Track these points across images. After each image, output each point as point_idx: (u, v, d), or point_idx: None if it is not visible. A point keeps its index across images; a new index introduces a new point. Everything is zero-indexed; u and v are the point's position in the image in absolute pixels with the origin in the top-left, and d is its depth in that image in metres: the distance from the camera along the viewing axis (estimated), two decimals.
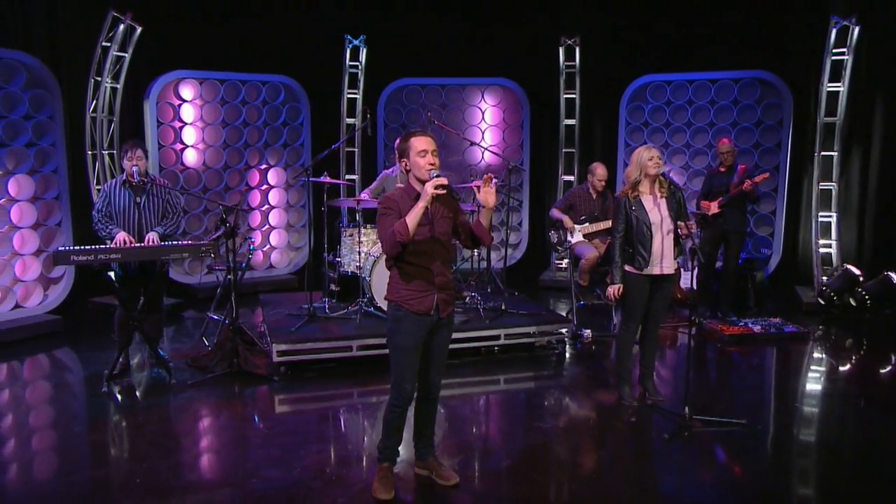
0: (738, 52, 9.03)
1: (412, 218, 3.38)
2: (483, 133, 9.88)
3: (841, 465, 4.33)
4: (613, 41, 9.74)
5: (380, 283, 5.90)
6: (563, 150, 9.66)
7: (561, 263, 9.05)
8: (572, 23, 9.50)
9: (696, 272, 4.58)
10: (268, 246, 9.27)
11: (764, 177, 6.99)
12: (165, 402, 5.18)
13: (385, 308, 6.07)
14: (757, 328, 6.81)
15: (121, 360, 5.71)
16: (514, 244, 10.06)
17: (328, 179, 6.48)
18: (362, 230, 6.51)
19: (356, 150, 9.71)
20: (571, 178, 9.62)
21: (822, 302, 7.70)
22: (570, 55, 9.34)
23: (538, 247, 10.05)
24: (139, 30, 7.45)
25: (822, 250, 8.21)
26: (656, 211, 4.83)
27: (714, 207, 7.14)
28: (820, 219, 8.20)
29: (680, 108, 9.20)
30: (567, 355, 6.35)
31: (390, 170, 7.23)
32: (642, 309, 4.97)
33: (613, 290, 4.91)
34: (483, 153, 9.82)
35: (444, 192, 3.40)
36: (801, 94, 8.70)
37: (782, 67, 8.78)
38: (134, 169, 5.45)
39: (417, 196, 3.47)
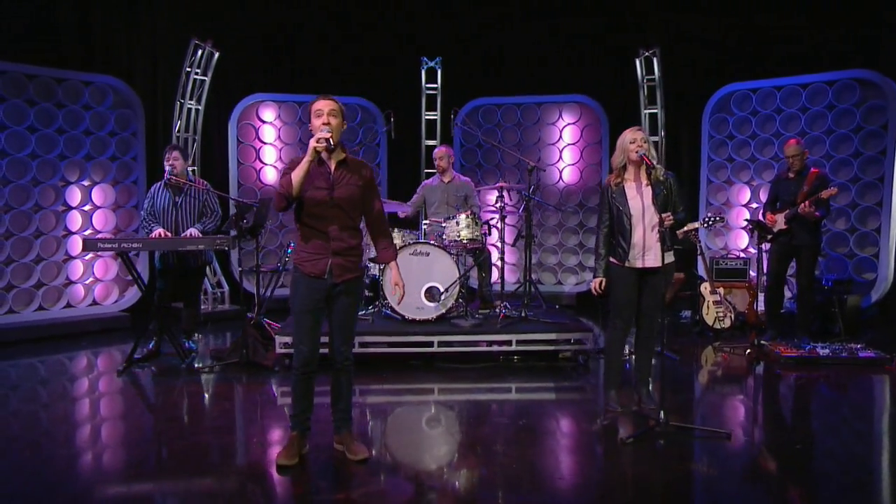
0: (832, 51, 8.11)
1: (297, 173, 3.47)
2: (561, 152, 9.60)
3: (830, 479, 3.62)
4: (694, 49, 9.15)
5: (388, 285, 5.92)
6: None
7: None
8: (649, 34, 9.06)
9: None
10: None
11: (831, 193, 6.17)
12: (168, 383, 5.47)
13: (398, 309, 6.09)
14: (824, 352, 5.92)
15: (150, 346, 6.13)
16: (592, 268, 9.56)
17: None
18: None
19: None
20: None
21: None
22: (649, 68, 8.89)
23: None
24: (217, 55, 8.15)
25: None
26: (639, 199, 4.41)
27: (780, 222, 6.40)
28: None
29: (768, 117, 8.36)
30: (588, 366, 5.89)
31: (430, 179, 7.27)
32: (629, 305, 4.53)
33: (595, 283, 4.54)
34: (561, 173, 9.54)
35: (325, 145, 3.42)
36: None
37: (886, 63, 7.72)
38: (168, 167, 5.93)
39: (321, 160, 3.57)
